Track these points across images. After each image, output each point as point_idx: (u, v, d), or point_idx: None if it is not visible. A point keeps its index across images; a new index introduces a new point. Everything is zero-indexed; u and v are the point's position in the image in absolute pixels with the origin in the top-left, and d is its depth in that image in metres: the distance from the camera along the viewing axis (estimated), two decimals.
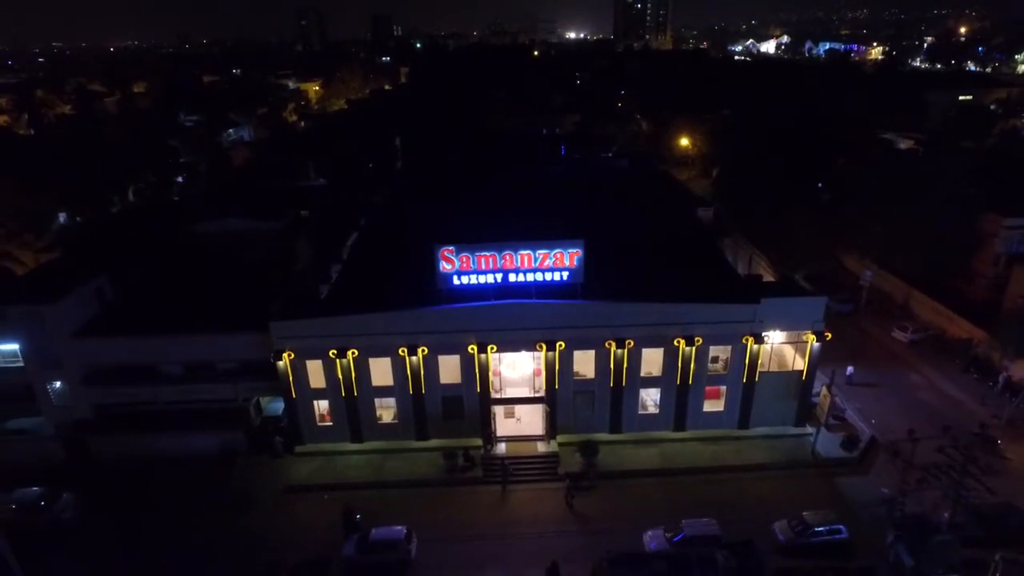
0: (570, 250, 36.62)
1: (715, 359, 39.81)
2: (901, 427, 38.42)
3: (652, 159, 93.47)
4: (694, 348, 38.56)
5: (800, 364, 39.75)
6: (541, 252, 36.65)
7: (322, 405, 40.26)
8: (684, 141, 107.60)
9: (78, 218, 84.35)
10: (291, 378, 38.75)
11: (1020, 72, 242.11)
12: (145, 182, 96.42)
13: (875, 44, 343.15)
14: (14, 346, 41.43)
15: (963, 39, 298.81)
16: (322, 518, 35.56)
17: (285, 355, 38.01)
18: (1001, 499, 34.04)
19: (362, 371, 38.85)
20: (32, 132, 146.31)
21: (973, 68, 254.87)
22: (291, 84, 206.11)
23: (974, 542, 31.71)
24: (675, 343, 38.44)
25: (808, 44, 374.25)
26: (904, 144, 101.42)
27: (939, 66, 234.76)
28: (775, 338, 39.02)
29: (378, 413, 40.40)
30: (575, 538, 33.71)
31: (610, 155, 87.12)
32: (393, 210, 59.69)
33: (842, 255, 67.24)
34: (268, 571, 29.57)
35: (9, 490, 36.61)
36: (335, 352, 37.96)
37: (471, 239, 37.16)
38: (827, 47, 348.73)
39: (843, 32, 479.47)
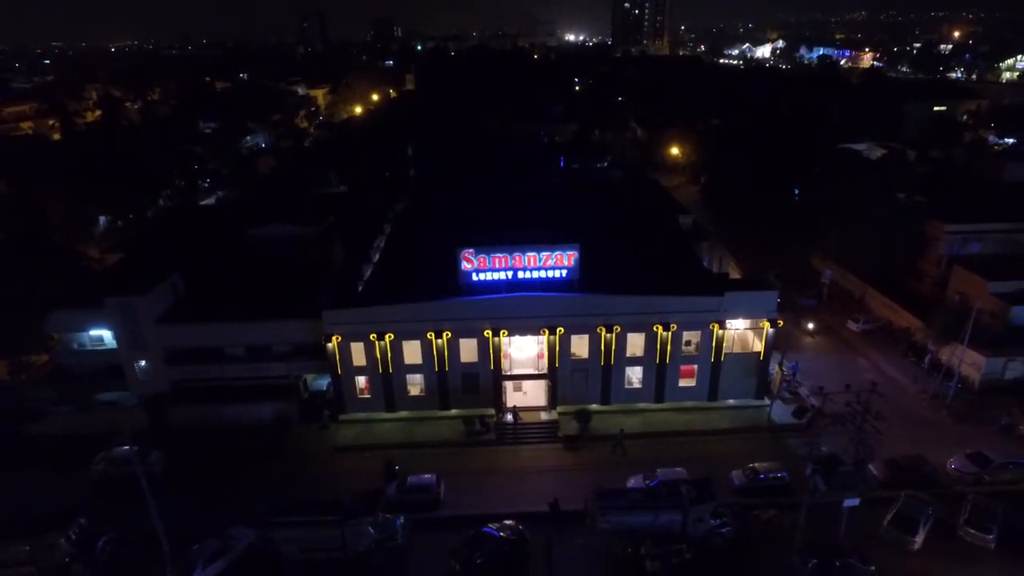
0: (568, 252, 44.90)
1: (688, 342, 47.85)
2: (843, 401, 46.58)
3: (643, 169, 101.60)
4: (670, 333, 46.68)
5: (758, 346, 47.89)
6: (544, 253, 44.92)
7: (362, 380, 48.29)
8: (675, 150, 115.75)
9: (119, 222, 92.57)
10: (338, 357, 46.83)
11: (1004, 80, 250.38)
12: (174, 187, 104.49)
13: (867, 49, 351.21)
14: (102, 332, 49.84)
15: (951, 47, 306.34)
16: (365, 471, 43.36)
17: (334, 338, 46.13)
18: (915, 452, 42.51)
19: (396, 351, 46.94)
20: (59, 137, 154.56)
21: (959, 75, 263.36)
22: (300, 90, 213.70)
23: (889, 485, 40.16)
24: (654, 329, 46.56)
25: (802, 49, 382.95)
26: (879, 153, 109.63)
27: (921, 76, 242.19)
28: (737, 325, 47.17)
29: (408, 387, 48.49)
30: (572, 484, 41.50)
31: (605, 165, 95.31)
32: (413, 216, 67.77)
33: (809, 256, 75.20)
34: (330, 503, 37.42)
35: (109, 450, 44.69)
36: (375, 336, 46.07)
37: (485, 243, 45.33)
38: (820, 52, 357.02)
39: (838, 36, 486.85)
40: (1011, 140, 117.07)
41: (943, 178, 78.90)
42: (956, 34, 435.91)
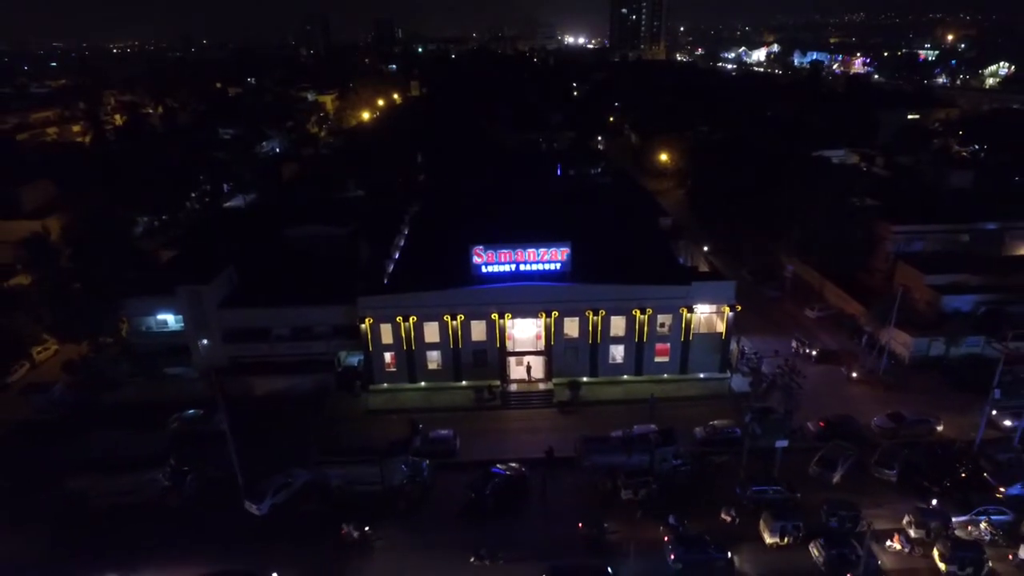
0: (561, 248, 54.19)
1: (662, 324, 56.94)
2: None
3: (635, 174, 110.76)
4: (646, 316, 55.84)
5: (721, 328, 57.07)
6: (542, 249, 54.21)
7: (388, 356, 57.43)
8: (663, 156, 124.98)
9: (156, 223, 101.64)
10: (369, 336, 56.02)
11: (988, 85, 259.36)
12: (200, 191, 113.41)
13: (858, 54, 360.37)
14: (167, 316, 59.10)
15: (936, 53, 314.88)
16: (393, 429, 52.42)
17: (366, 320, 55.33)
18: (845, 413, 51.75)
19: (418, 332, 56.13)
20: (83, 141, 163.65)
21: (945, 81, 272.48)
22: (310, 96, 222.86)
23: (822, 438, 49.35)
24: (633, 312, 55.76)
25: (796, 54, 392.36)
26: (854, 159, 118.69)
27: (903, 83, 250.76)
28: (703, 309, 56.36)
29: (428, 361, 57.67)
30: (564, 438, 50.25)
31: (599, 170, 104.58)
32: (427, 218, 76.93)
33: (778, 253, 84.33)
34: (368, 449, 46.60)
35: (180, 412, 53.93)
36: (400, 318, 55.29)
37: (492, 240, 54.56)
38: (813, 57, 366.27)
39: (832, 40, 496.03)
40: (976, 147, 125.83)
41: (898, 184, 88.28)
42: (950, 37, 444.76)
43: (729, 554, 38.53)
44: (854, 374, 58.42)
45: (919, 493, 43.16)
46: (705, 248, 73.24)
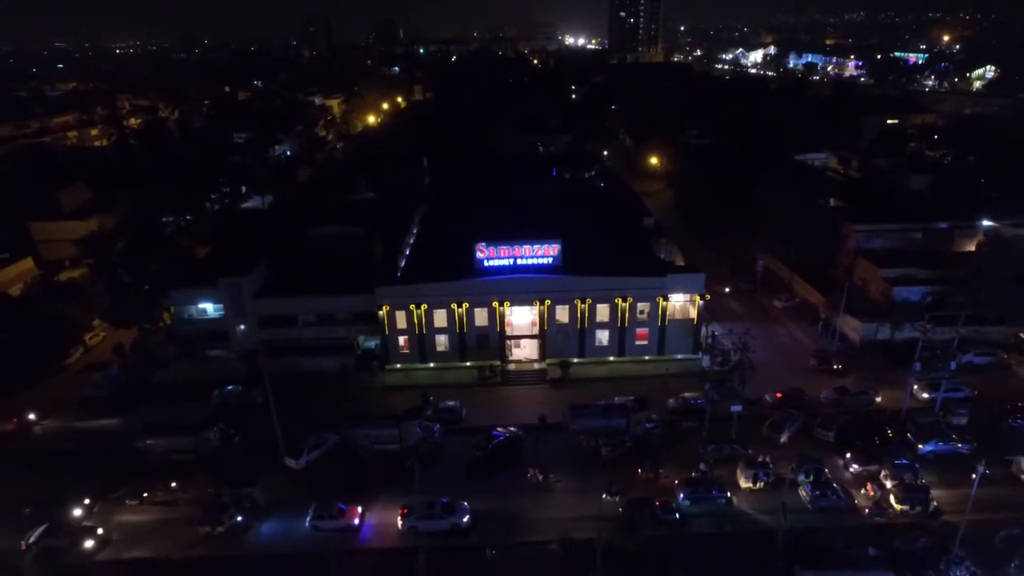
0: (553, 244, 62.26)
1: (641, 311, 64.80)
2: (759, 358, 63.38)
3: (628, 176, 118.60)
4: (628, 304, 63.82)
5: (693, 314, 65.04)
6: (536, 246, 62.26)
7: (402, 339, 65.44)
8: (655, 160, 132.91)
9: (181, 222, 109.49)
10: (386, 322, 64.08)
11: (975, 88, 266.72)
12: (219, 192, 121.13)
13: (852, 57, 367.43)
14: (207, 304, 67.17)
15: (925, 57, 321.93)
16: (407, 403, 60.52)
17: (384, 308, 63.39)
18: (796, 386, 59.82)
19: (428, 318, 64.13)
20: (101, 144, 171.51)
21: (934, 83, 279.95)
22: (317, 100, 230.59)
23: (777, 407, 57.44)
24: (616, 301, 63.76)
25: (791, 56, 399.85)
26: (833, 162, 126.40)
27: (891, 86, 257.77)
28: (677, 298, 64.32)
29: (437, 344, 65.73)
30: (555, 409, 58.32)
31: (593, 173, 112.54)
32: (434, 217, 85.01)
33: (753, 249, 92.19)
34: (388, 415, 54.75)
35: (222, 388, 62.07)
36: (413, 306, 63.34)
37: (493, 237, 62.56)
38: (807, 60, 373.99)
39: (828, 42, 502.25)
40: (946, 151, 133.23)
41: (865, 185, 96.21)
42: (945, 38, 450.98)
43: (728, 494, 46.84)
44: (918, 389, 57.69)
45: (850, 450, 51.25)
46: (677, 245, 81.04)
